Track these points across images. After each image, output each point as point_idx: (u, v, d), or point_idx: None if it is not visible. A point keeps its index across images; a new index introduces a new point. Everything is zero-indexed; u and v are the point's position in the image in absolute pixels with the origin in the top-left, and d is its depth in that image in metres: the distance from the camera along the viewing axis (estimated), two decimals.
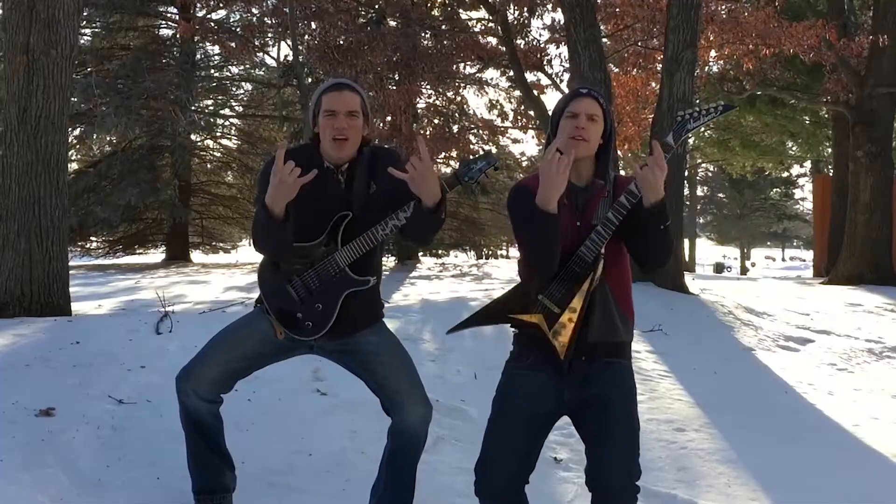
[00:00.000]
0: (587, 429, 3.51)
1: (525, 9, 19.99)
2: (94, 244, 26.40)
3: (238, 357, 3.83)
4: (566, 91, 17.09)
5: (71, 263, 11.09)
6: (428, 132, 21.94)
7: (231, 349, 3.85)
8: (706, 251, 68.99)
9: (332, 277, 3.69)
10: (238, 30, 20.99)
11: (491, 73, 23.96)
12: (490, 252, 32.89)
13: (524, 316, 3.45)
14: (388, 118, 18.31)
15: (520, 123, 22.74)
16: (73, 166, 25.37)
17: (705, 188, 59.80)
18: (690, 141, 29.74)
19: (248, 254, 30.00)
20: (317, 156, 3.78)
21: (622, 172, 3.50)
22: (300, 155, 3.71)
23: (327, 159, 3.77)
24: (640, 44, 19.82)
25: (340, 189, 3.75)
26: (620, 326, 3.48)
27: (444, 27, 20.75)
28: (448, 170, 26.84)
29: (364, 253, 3.67)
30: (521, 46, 19.61)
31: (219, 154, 28.37)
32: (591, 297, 3.37)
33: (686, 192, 36.72)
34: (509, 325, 3.56)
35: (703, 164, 47.91)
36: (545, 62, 20.53)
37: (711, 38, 18.32)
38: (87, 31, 24.13)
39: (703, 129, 33.08)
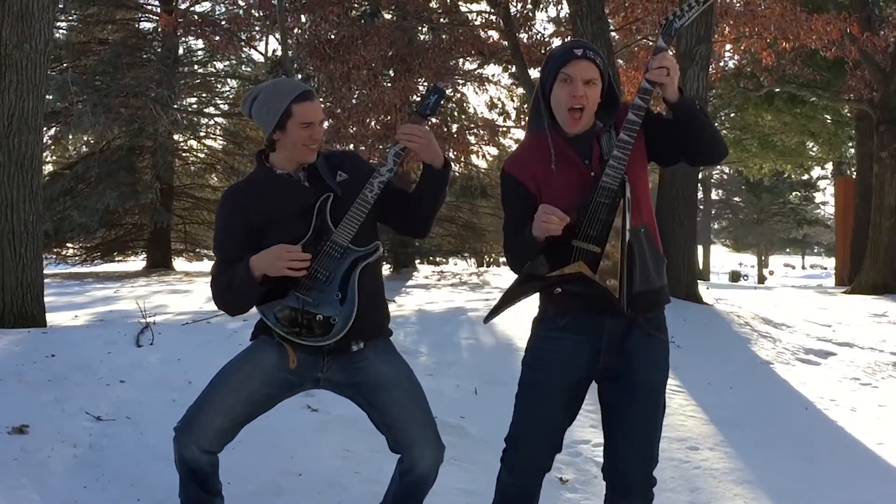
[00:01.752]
0: (609, 409, 3.56)
1: (528, 1, 20.02)
2: (71, 251, 26.35)
3: (243, 402, 3.74)
4: None
5: (46, 271, 11.11)
6: None
7: (234, 394, 3.74)
8: (721, 258, 69.01)
9: (338, 261, 3.66)
10: (223, 23, 20.97)
11: (492, 70, 23.94)
12: (491, 259, 32.86)
13: (565, 269, 3.38)
14: (382, 117, 18.29)
15: (523, 123, 22.74)
16: (48, 168, 25.35)
17: (720, 192, 59.89)
18: None
19: None
20: (264, 169, 3.86)
21: None
22: (252, 187, 3.85)
23: (280, 167, 3.82)
24: (650, 38, 19.83)
25: (306, 187, 3.78)
26: (656, 271, 3.50)
27: (442, 20, 20.75)
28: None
29: (360, 223, 3.67)
30: (525, 41, 19.60)
31: (203, 155, 28.34)
32: (630, 240, 3.36)
33: (700, 195, 36.72)
34: (552, 286, 3.46)
35: (719, 167, 47.93)
36: None
37: (727, 32, 18.34)
38: (63, 24, 24.17)
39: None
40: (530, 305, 3.68)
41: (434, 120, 22.13)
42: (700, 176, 18.06)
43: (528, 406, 3.55)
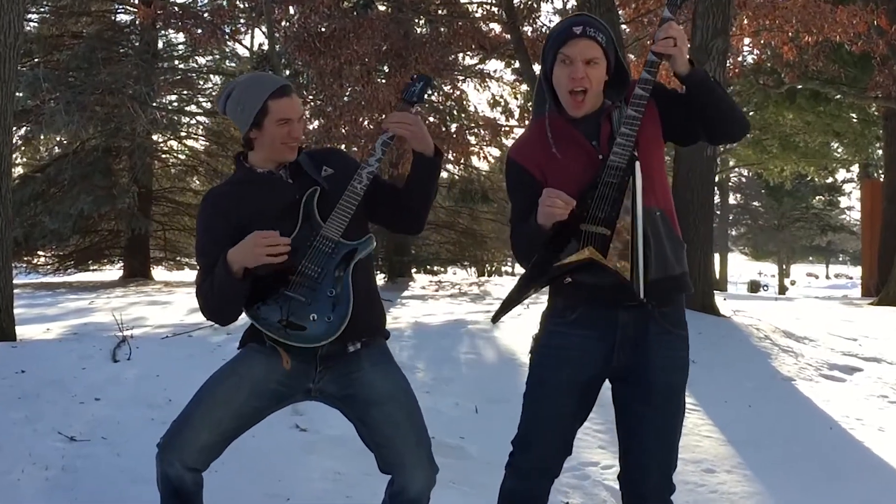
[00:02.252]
0: (624, 412, 3.56)
1: None
2: (42, 259, 26.32)
3: (231, 416, 3.74)
4: None
5: (15, 281, 11.12)
6: None
7: (221, 407, 3.74)
8: (739, 267, 69.04)
9: (329, 256, 3.67)
10: (206, 15, 20.98)
11: (494, 65, 24.00)
12: (493, 268, 32.88)
13: (573, 258, 3.34)
14: (376, 115, 18.29)
15: (527, 122, 22.72)
16: (18, 170, 25.35)
17: (738, 196, 59.91)
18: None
19: None
20: (244, 170, 3.88)
21: None
22: (233, 188, 3.87)
23: (261, 166, 3.85)
24: None
25: (290, 184, 3.81)
26: (675, 255, 3.48)
27: (440, 12, 20.78)
28: (444, 174, 26.91)
29: (351, 217, 3.68)
30: (529, 34, 19.63)
31: (184, 157, 28.32)
32: (643, 223, 3.34)
33: (717, 200, 36.69)
34: (561, 276, 3.43)
35: (737, 169, 47.96)
36: None
37: (745, 25, 18.37)
38: (34, 16, 24.14)
39: None
40: (536, 310, 3.69)
41: (431, 119, 22.23)
42: (717, 179, 18.03)
43: (536, 405, 3.55)
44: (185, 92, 26.94)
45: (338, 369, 3.77)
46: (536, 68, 18.76)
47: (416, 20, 20.60)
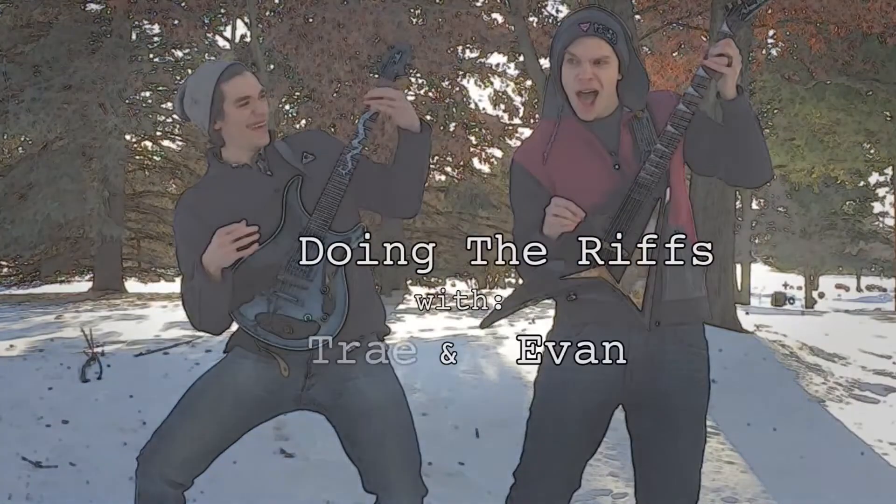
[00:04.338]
0: (640, 440, 3.52)
1: None
2: (5, 270, 26.33)
3: (214, 427, 3.72)
4: None
5: None
6: None
7: (204, 418, 3.72)
8: (763, 278, 68.97)
9: (318, 251, 3.64)
10: (183, 5, 21.00)
11: (497, 59, 23.97)
12: (495, 279, 32.85)
13: (582, 273, 3.32)
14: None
15: (533, 121, 22.74)
16: None
17: (761, 201, 59.84)
18: None
19: None
20: (218, 167, 3.85)
21: None
22: (208, 187, 3.85)
23: (236, 160, 3.81)
24: (680, 21, 19.85)
25: (269, 176, 3.78)
26: (693, 279, 3.45)
27: (437, 1, 20.78)
28: (442, 176, 26.93)
29: (338, 205, 3.66)
30: (534, 25, 19.62)
31: (159, 158, 28.33)
32: (665, 246, 3.32)
33: (738, 205, 36.70)
34: (565, 291, 3.41)
35: None
36: None
37: (769, 15, 18.37)
38: None
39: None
40: (543, 325, 3.68)
41: (428, 118, 22.25)
42: None
43: (540, 434, 3.52)
44: (160, 87, 26.96)
45: (329, 376, 3.75)
46: (543, 62, 18.81)
47: (412, 10, 20.58)
